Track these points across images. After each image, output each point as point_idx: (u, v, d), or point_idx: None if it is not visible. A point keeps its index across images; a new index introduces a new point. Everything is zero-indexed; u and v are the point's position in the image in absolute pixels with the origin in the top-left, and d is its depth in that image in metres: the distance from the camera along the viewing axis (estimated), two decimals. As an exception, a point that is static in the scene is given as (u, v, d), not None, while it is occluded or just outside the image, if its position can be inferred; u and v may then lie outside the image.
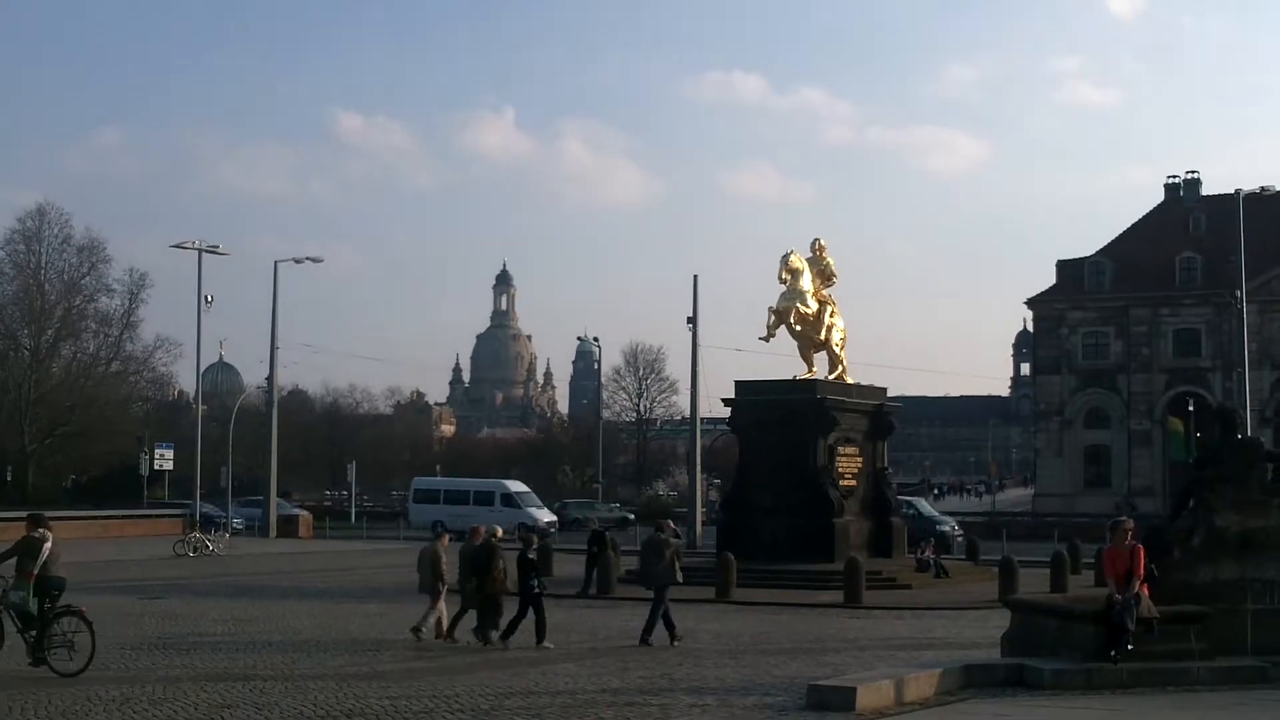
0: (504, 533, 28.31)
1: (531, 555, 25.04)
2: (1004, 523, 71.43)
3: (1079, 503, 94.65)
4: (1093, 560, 33.30)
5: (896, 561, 41.56)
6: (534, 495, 78.60)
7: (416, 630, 25.18)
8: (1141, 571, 19.22)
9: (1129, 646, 18.72)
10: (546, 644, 24.00)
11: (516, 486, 79.02)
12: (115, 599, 33.45)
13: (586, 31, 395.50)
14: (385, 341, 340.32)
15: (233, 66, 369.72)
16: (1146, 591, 19.16)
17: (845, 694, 16.88)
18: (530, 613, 24.37)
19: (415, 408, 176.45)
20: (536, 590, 24.47)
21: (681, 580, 26.27)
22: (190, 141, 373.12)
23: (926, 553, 42.56)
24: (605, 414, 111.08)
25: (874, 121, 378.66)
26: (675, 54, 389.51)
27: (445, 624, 25.33)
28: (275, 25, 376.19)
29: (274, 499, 73.79)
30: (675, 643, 24.54)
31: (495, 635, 24.34)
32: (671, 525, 26.46)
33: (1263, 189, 64.46)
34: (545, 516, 73.25)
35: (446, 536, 26.97)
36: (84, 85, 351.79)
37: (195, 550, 53.25)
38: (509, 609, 24.70)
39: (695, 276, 63.98)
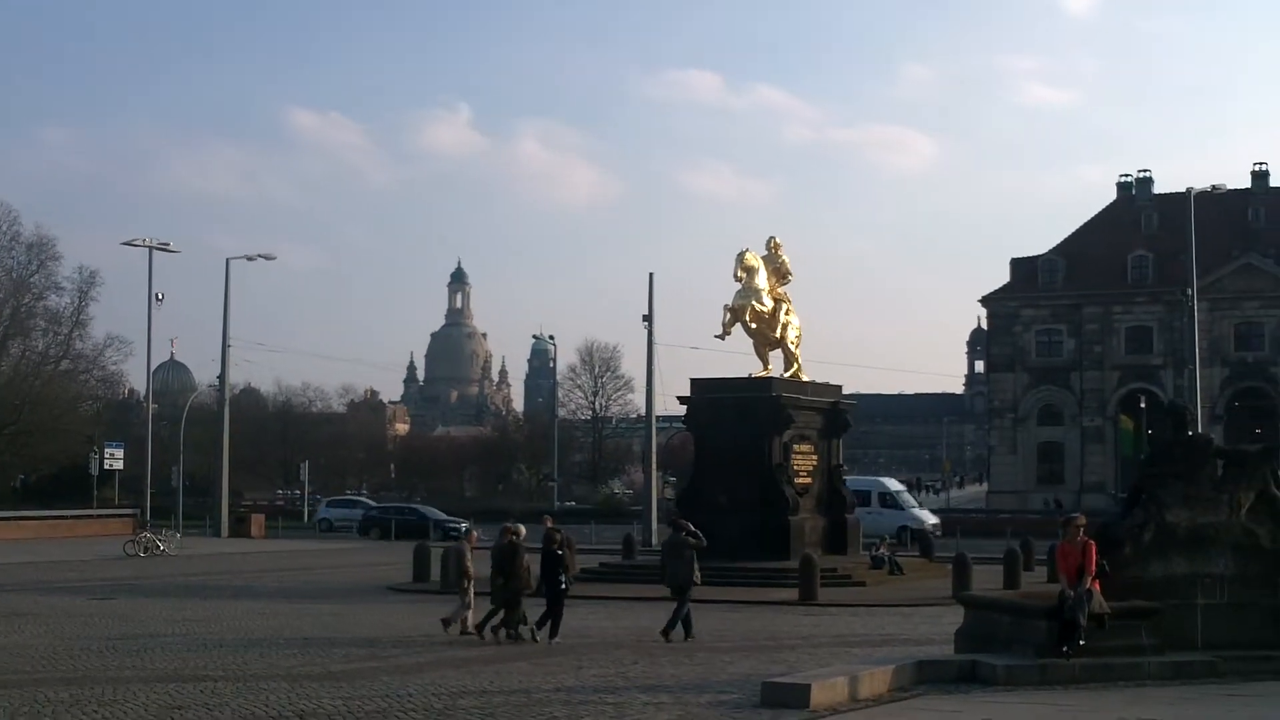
0: (890, 539, 28.64)
1: (560, 552, 25.44)
2: (958, 519, 71.65)
3: (1033, 499, 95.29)
4: (1046, 556, 33.50)
5: (851, 558, 41.64)
6: (909, 494, 70.79)
7: (447, 623, 25.89)
8: (1093, 567, 19.30)
9: (1081, 642, 18.81)
10: (556, 639, 24.48)
11: (894, 484, 69.65)
12: (64, 599, 33.24)
13: (542, 30, 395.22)
14: (339, 340, 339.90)
15: (184, 63, 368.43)
16: (1098, 587, 19.24)
17: (800, 691, 16.88)
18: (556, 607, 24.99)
19: (369, 406, 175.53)
20: (563, 586, 25.05)
21: (700, 580, 26.41)
22: (141, 138, 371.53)
23: (881, 549, 42.68)
24: (561, 412, 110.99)
25: (831, 121, 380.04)
26: (632, 53, 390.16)
27: (471, 621, 25.85)
28: (226, 21, 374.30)
29: (225, 498, 73.39)
30: (687, 640, 24.92)
31: (525, 630, 24.87)
32: (690, 525, 26.62)
33: (1214, 187, 64.96)
34: (929, 518, 66.17)
35: (475, 534, 27.92)
36: (34, 82, 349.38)
37: (146, 550, 52.91)
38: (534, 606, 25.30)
39: (651, 275, 64.09)
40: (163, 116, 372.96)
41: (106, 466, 76.10)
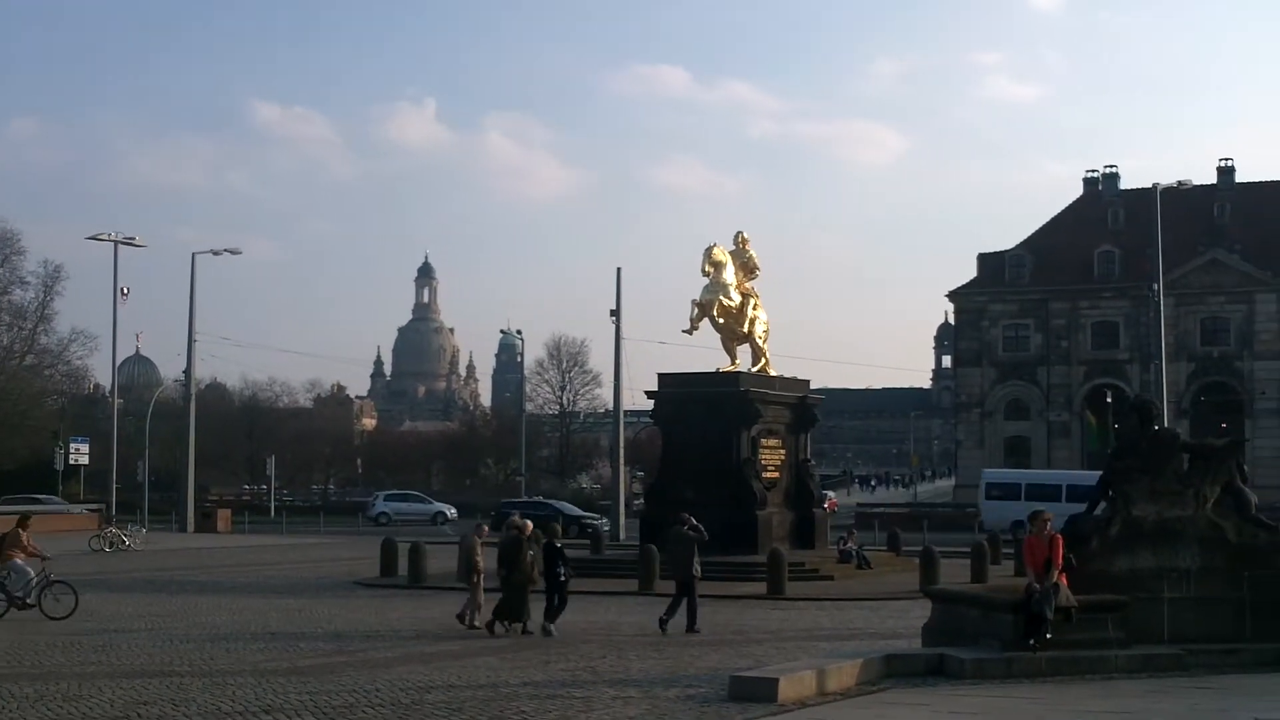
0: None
1: (559, 544, 26.07)
2: (925, 514, 71.88)
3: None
4: (1012, 550, 33.61)
5: (819, 552, 41.69)
6: None
7: (461, 618, 26.27)
8: (1060, 561, 19.38)
9: (1048, 635, 18.87)
10: (552, 629, 24.88)
11: None
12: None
13: (509, 24, 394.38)
14: (305, 334, 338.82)
15: (149, 56, 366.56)
16: (1065, 581, 19.31)
17: (767, 685, 16.88)
18: (555, 596, 25.48)
19: (336, 401, 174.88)
20: (563, 578, 25.53)
21: (700, 573, 26.67)
22: (106, 132, 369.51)
23: (849, 543, 42.75)
24: (528, 407, 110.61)
25: (799, 115, 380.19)
26: (599, 47, 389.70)
27: (480, 618, 26.06)
28: (192, 14, 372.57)
29: (191, 493, 73.12)
30: (689, 632, 25.31)
31: (534, 626, 25.18)
32: (692, 519, 27.09)
33: (1180, 183, 65.16)
34: None
35: (485, 528, 28.17)
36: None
37: (111, 545, 52.69)
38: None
39: (619, 269, 63.98)
40: (128, 110, 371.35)
41: (72, 462, 75.82)
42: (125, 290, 69.86)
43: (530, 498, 76.80)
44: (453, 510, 78.79)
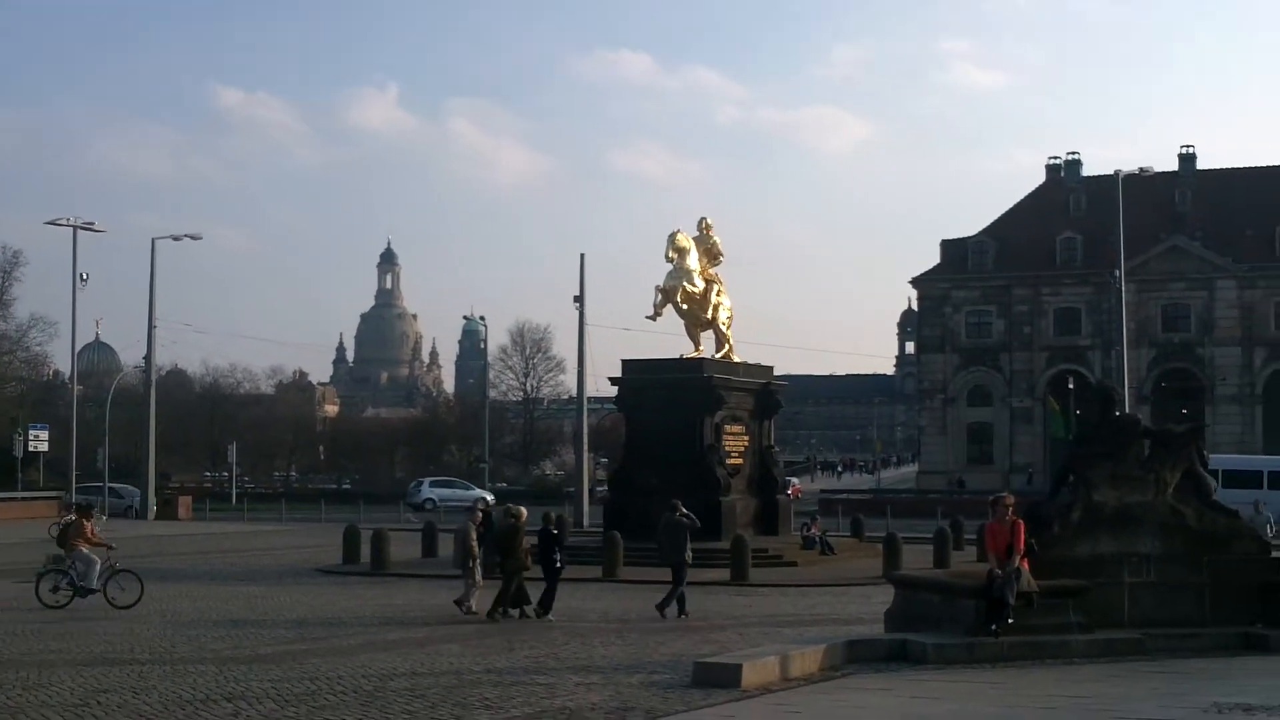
0: None
1: (554, 530, 26.59)
2: (888, 500, 72.05)
3: (962, 479, 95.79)
4: (975, 536, 33.73)
5: (782, 539, 41.75)
6: None
7: (460, 604, 26.34)
8: (1022, 546, 19.44)
9: (1010, 620, 18.94)
10: (549, 617, 25.14)
11: None
12: (-11, 583, 32.80)
13: (471, 8, 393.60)
14: (267, 320, 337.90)
15: (110, 42, 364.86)
16: (1027, 566, 19.38)
17: (731, 671, 16.88)
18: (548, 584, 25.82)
19: (298, 387, 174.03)
20: (558, 565, 25.97)
21: (691, 559, 27.15)
22: (66, 117, 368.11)
23: (812, 530, 42.81)
24: (492, 393, 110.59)
25: (762, 101, 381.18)
26: (563, 33, 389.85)
27: (475, 601, 26.32)
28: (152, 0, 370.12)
29: (152, 480, 72.70)
30: (682, 616, 25.78)
31: (531, 610, 25.48)
32: (683, 507, 27.71)
33: (1141, 170, 65.44)
34: None
35: (480, 514, 28.35)
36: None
37: (72, 533, 52.22)
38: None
39: (582, 255, 63.99)
40: (88, 95, 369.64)
41: (31, 448, 75.23)
42: (85, 276, 69.50)
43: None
44: (491, 496, 78.23)
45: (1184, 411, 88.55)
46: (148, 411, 72.38)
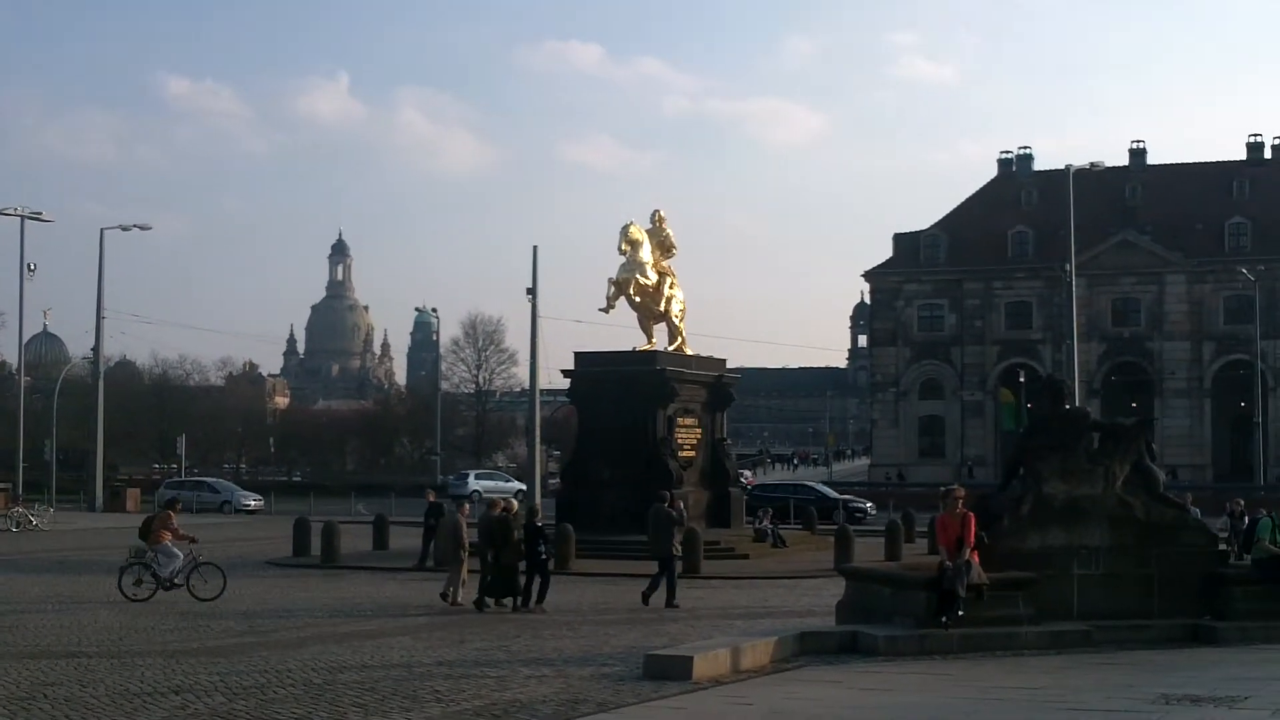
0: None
1: (539, 523, 26.64)
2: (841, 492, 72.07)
3: (914, 472, 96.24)
4: (927, 529, 33.87)
5: (735, 531, 41.82)
6: None
7: (444, 595, 26.69)
8: (972, 539, 19.51)
9: (960, 612, 19.00)
10: (543, 607, 25.53)
11: None
12: (-66, 575, 32.51)
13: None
14: (217, 312, 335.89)
15: (56, 29, 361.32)
16: (977, 558, 19.44)
17: (682, 663, 16.87)
18: (537, 577, 26.04)
19: (248, 379, 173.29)
20: (544, 556, 26.22)
21: (679, 552, 27.87)
22: (11, 106, 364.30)
23: (764, 522, 42.89)
24: (444, 385, 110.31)
25: (713, 93, 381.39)
26: (513, 24, 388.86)
27: (460, 592, 26.65)
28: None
29: (100, 472, 72.22)
30: (668, 608, 26.04)
31: (518, 601, 25.85)
32: (674, 499, 28.60)
33: (1092, 164, 65.74)
34: None
35: (467, 506, 29.01)
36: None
37: (19, 525, 51.99)
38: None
39: (535, 247, 63.79)
40: (34, 83, 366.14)
41: (-23, 440, 74.64)
42: (32, 266, 68.93)
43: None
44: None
45: (1134, 405, 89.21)
46: (96, 403, 71.87)
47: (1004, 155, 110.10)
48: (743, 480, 53.58)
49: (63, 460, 79.40)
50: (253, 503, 73.14)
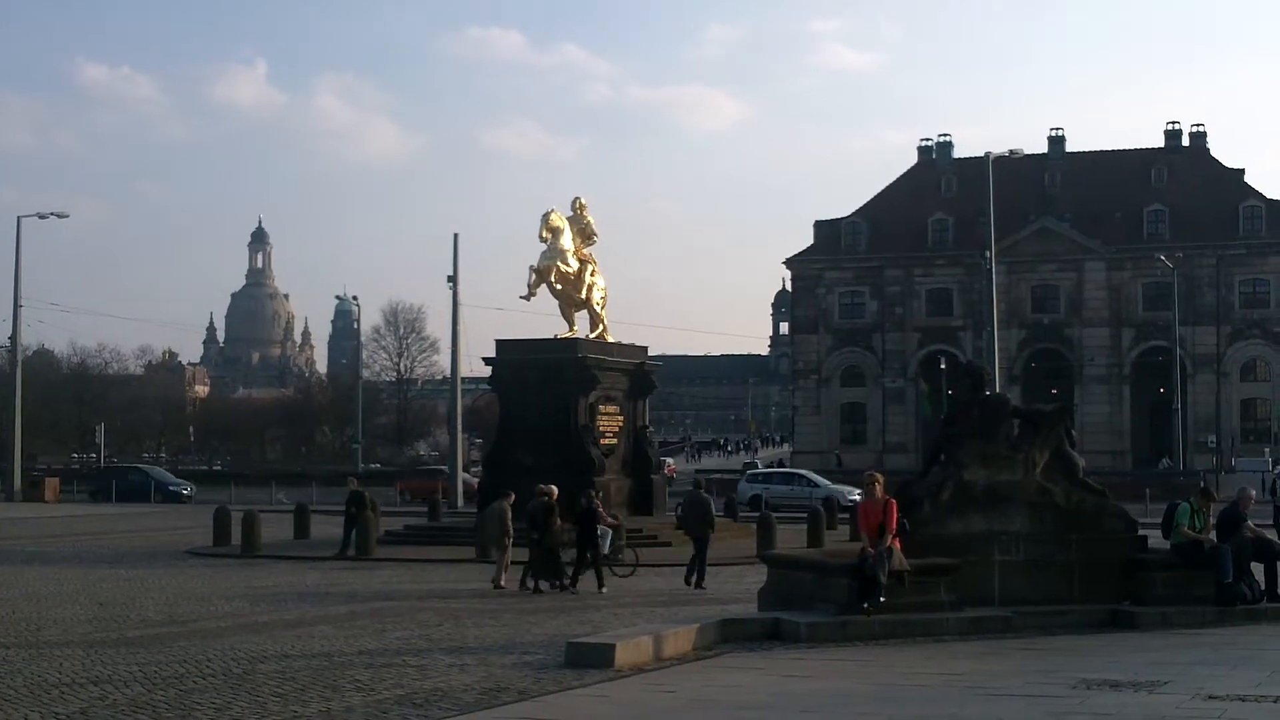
0: None
1: (590, 507, 27.98)
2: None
3: (839, 457, 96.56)
4: (848, 515, 34.01)
5: (657, 519, 41.78)
6: None
7: (495, 583, 27.52)
8: (894, 525, 19.60)
9: (882, 599, 19.08)
10: (604, 589, 26.66)
11: None
12: None
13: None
14: (136, 300, 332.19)
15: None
16: (899, 545, 19.53)
17: (604, 651, 16.85)
18: (588, 556, 27.46)
19: (167, 368, 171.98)
20: (599, 538, 27.79)
21: (713, 532, 29.87)
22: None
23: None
24: (365, 374, 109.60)
25: (634, 80, 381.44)
26: (433, 9, 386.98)
27: (506, 576, 27.62)
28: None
29: (18, 462, 71.38)
30: (697, 590, 27.24)
31: (558, 584, 27.01)
32: (704, 483, 31.56)
33: (1011, 152, 66.17)
34: None
35: (513, 495, 29.45)
36: None
37: (-66, 516, 51.28)
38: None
39: (456, 235, 63.36)
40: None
41: (-109, 430, 73.53)
42: (-53, 254, 67.86)
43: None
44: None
45: (1054, 392, 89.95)
46: (13, 392, 71.01)
47: (924, 143, 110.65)
48: (664, 469, 53.63)
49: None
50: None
